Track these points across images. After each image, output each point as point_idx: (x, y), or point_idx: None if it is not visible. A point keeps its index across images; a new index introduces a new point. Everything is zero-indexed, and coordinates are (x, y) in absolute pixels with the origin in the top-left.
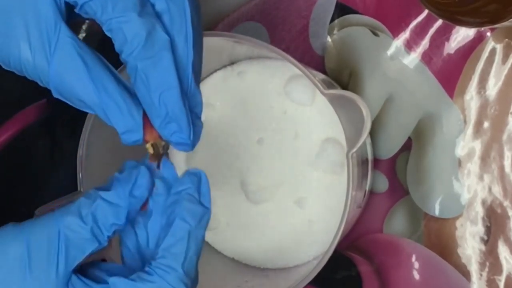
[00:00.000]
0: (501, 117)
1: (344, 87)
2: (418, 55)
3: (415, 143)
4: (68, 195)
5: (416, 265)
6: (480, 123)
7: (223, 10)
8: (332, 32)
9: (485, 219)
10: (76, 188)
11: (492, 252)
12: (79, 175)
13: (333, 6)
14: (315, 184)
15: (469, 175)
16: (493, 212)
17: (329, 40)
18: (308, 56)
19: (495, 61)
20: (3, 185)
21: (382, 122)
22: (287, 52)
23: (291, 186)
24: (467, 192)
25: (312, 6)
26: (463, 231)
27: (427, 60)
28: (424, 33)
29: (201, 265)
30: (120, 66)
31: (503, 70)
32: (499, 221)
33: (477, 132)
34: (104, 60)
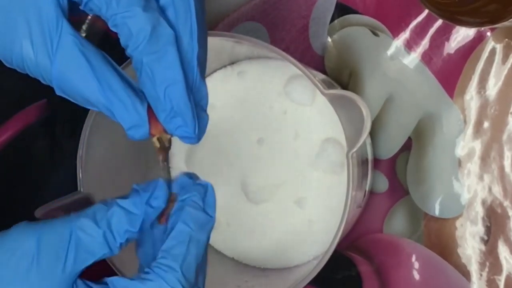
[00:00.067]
0: (501, 117)
1: (344, 87)
2: (418, 55)
3: (415, 143)
4: (68, 195)
5: (416, 265)
6: (480, 123)
7: (223, 10)
8: (332, 32)
9: (485, 219)
10: (76, 188)
11: (492, 252)
12: (79, 175)
13: (333, 6)
14: (315, 184)
15: (469, 175)
16: (493, 212)
17: (329, 40)
18: (308, 56)
19: (495, 61)
20: (3, 185)
21: (382, 122)
22: (287, 52)
23: (291, 186)
24: (467, 192)
25: (312, 6)
26: (463, 231)
27: (427, 60)
28: (424, 33)
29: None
30: (122, 65)
31: (503, 70)
32: (499, 221)
33: (477, 132)
34: (107, 57)
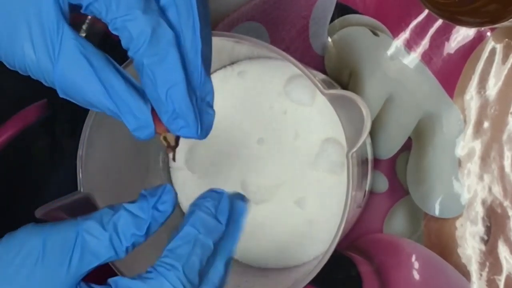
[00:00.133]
0: (501, 117)
1: (344, 87)
2: (418, 55)
3: (415, 143)
4: (68, 195)
5: (416, 265)
6: (480, 123)
7: (223, 10)
8: (332, 32)
9: (485, 219)
10: (76, 188)
11: (492, 252)
12: (79, 175)
13: (333, 6)
14: (315, 184)
15: (469, 175)
16: (493, 212)
17: (329, 40)
18: (308, 56)
19: (495, 61)
20: (3, 185)
21: (382, 122)
22: (287, 52)
23: (291, 186)
24: (467, 192)
25: (312, 6)
26: (463, 231)
27: (427, 60)
28: (424, 33)
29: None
30: (122, 65)
31: (503, 70)
32: (499, 221)
33: (477, 132)
34: (109, 58)
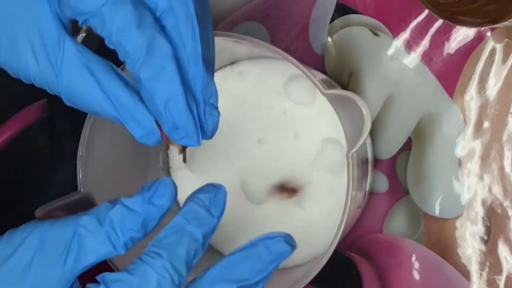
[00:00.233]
0: (501, 117)
1: (344, 87)
2: (418, 55)
3: (415, 143)
4: (68, 195)
5: (416, 265)
6: (480, 123)
7: (223, 10)
8: (332, 32)
9: (485, 219)
10: (76, 188)
11: (492, 252)
12: (79, 175)
13: (333, 6)
14: (315, 184)
15: (469, 175)
16: (493, 212)
17: (329, 40)
18: (308, 56)
19: (495, 61)
20: (3, 185)
21: (382, 122)
22: (287, 52)
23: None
24: (467, 192)
25: (312, 6)
26: (463, 231)
27: (427, 60)
28: (424, 33)
29: (201, 265)
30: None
31: (503, 70)
32: (499, 221)
33: (477, 132)
34: (111, 65)
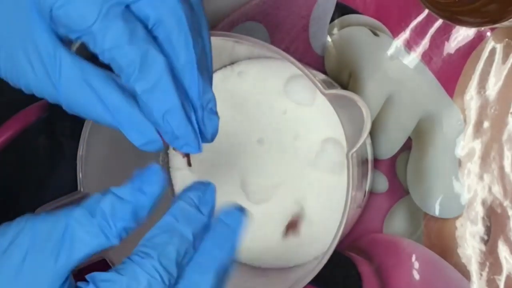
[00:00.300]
0: (501, 117)
1: (344, 87)
2: (418, 55)
3: (415, 143)
4: (68, 195)
5: (416, 265)
6: (480, 123)
7: (223, 10)
8: (332, 32)
9: (485, 219)
10: (76, 188)
11: (492, 252)
12: (79, 175)
13: (333, 6)
14: (315, 184)
15: (469, 175)
16: (493, 212)
17: (329, 40)
18: (308, 56)
19: (495, 61)
20: (3, 185)
21: (382, 122)
22: (287, 52)
23: (291, 186)
24: (467, 192)
25: (312, 6)
26: (463, 231)
27: (427, 60)
28: (424, 33)
29: None
30: None
31: (503, 70)
32: (499, 221)
33: (477, 132)
34: (109, 74)
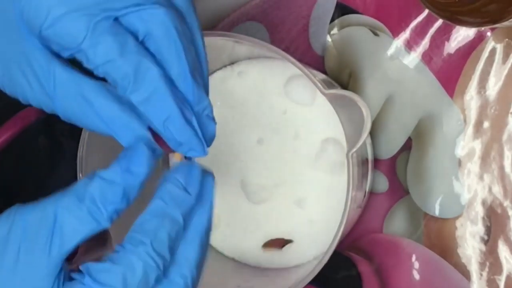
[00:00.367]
0: (501, 117)
1: (344, 87)
2: (418, 55)
3: (415, 143)
4: None
5: (416, 265)
6: (480, 123)
7: (223, 10)
8: (332, 32)
9: (485, 219)
10: None
11: (492, 252)
12: (79, 175)
13: (333, 6)
14: (315, 184)
15: (469, 175)
16: (493, 212)
17: (329, 40)
18: (308, 56)
19: (495, 61)
20: (3, 185)
21: (382, 122)
22: (287, 52)
23: (291, 186)
24: (467, 192)
25: (312, 6)
26: (463, 231)
27: (427, 60)
28: (424, 33)
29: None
30: None
31: (503, 70)
32: (499, 221)
33: (477, 132)
34: (103, 85)
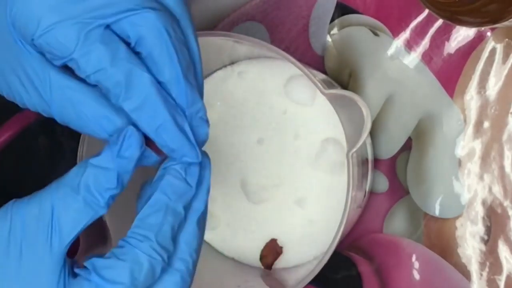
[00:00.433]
0: (501, 117)
1: (344, 87)
2: (418, 55)
3: (415, 143)
4: None
5: (416, 265)
6: (480, 123)
7: (223, 10)
8: (332, 32)
9: (485, 219)
10: None
11: (492, 252)
12: None
13: (333, 6)
14: (315, 184)
15: (469, 175)
16: (493, 212)
17: (329, 40)
18: (308, 56)
19: (495, 61)
20: (3, 185)
21: (382, 122)
22: (287, 52)
23: (291, 186)
24: (467, 192)
25: (312, 6)
26: (463, 231)
27: (427, 60)
28: (424, 33)
29: (201, 265)
30: None
31: (503, 70)
32: (499, 221)
33: (477, 132)
34: (97, 91)
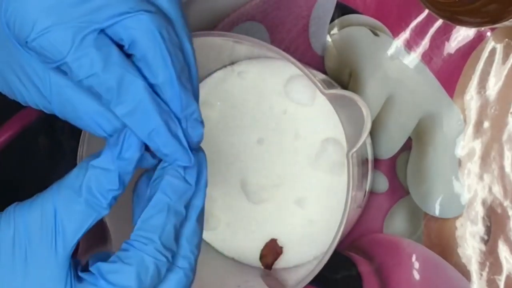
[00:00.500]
0: (501, 117)
1: (344, 87)
2: (418, 55)
3: (415, 143)
4: None
5: (416, 265)
6: (480, 123)
7: (223, 10)
8: (332, 32)
9: (485, 219)
10: None
11: (492, 252)
12: None
13: (333, 6)
14: (315, 184)
15: (469, 175)
16: (493, 212)
17: (329, 40)
18: (308, 56)
19: (495, 61)
20: (3, 185)
21: (382, 122)
22: (287, 52)
23: (291, 186)
24: (467, 192)
25: (312, 6)
26: (463, 231)
27: (427, 60)
28: (424, 33)
29: (201, 265)
30: None
31: (503, 70)
32: (499, 221)
33: (477, 132)
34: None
